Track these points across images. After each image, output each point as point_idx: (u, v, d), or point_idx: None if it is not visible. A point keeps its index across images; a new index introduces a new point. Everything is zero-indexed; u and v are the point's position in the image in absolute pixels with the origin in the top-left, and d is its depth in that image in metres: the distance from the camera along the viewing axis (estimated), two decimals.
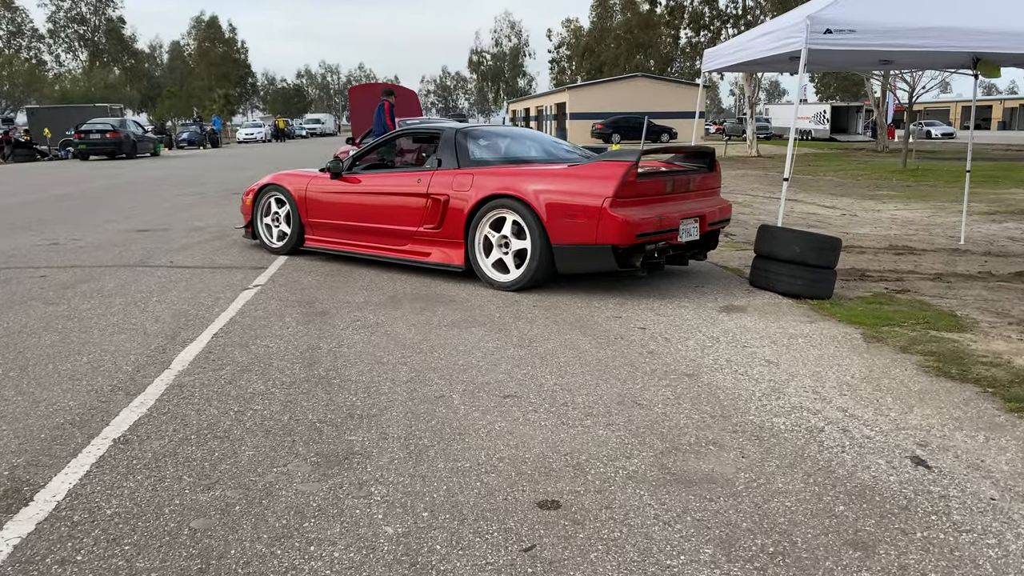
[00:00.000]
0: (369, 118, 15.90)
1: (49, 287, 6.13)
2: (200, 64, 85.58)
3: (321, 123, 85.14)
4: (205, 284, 6.20)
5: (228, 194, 14.22)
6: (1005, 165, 22.69)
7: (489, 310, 5.34)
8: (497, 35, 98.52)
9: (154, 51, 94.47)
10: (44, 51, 71.56)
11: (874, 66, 9.55)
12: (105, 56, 73.71)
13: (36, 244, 8.34)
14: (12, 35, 69.19)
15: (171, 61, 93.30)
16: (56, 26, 71.62)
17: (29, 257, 7.57)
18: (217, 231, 9.26)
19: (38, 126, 36.18)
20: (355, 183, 6.94)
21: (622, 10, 77.06)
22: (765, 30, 7.53)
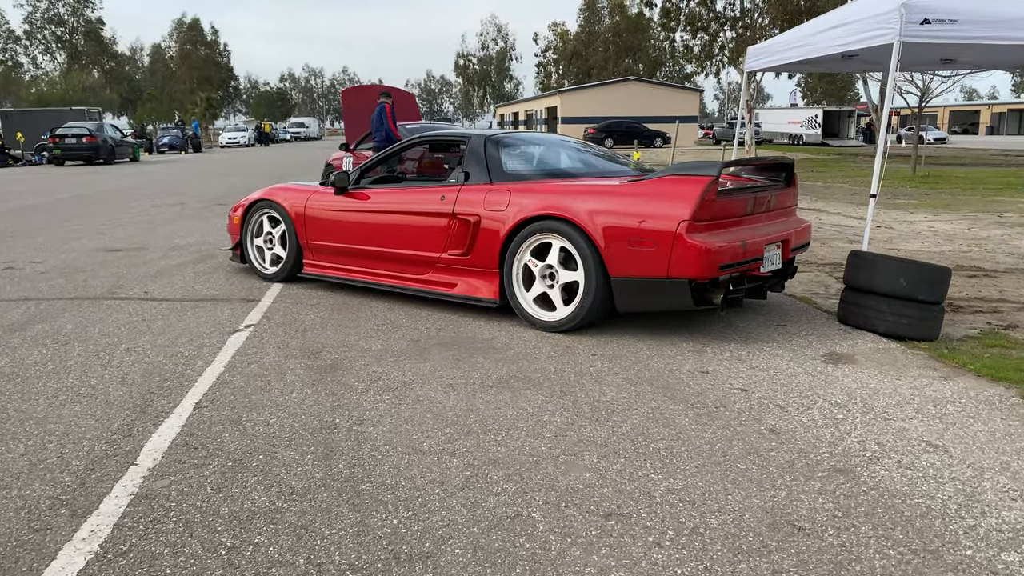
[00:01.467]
0: (365, 121, 14.81)
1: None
2: (181, 67, 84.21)
3: (305, 127, 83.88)
4: (186, 324, 5.12)
5: (211, 205, 13.10)
6: (1014, 171, 21.89)
7: (540, 361, 4.30)
8: (483, 38, 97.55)
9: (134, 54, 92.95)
10: (20, 53, 69.84)
11: (933, 65, 8.60)
12: (83, 58, 72.09)
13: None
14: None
15: (152, 64, 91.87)
16: (33, 27, 69.94)
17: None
18: (199, 251, 8.16)
19: (11, 130, 34.74)
20: (363, 200, 5.88)
21: (610, 13, 76.35)
22: (831, 22, 6.54)
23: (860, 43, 5.86)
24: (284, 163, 28.26)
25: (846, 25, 6.13)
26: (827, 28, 6.53)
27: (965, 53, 7.61)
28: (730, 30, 33.88)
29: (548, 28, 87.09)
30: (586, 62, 75.92)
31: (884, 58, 7.94)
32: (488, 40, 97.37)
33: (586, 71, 75.49)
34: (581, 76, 75.30)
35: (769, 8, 32.84)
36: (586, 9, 78.37)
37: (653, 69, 73.40)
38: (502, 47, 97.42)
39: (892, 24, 5.48)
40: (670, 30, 35.56)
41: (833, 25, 6.40)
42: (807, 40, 6.95)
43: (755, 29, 33.69)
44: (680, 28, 35.20)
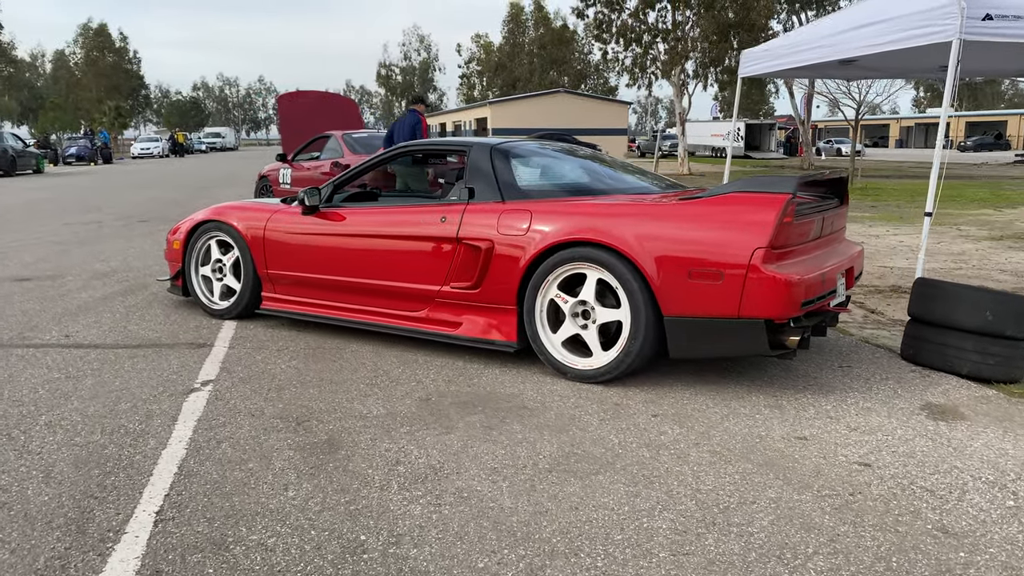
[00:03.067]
0: (303, 129, 13.67)
1: None
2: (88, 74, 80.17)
3: (221, 137, 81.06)
4: (125, 382, 4.03)
5: (132, 222, 11.74)
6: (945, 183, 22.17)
7: (592, 427, 3.42)
8: (406, 48, 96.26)
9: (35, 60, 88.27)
10: None
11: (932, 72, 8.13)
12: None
13: None
14: None
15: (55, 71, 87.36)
16: None
17: None
18: (127, 279, 6.97)
19: None
20: (339, 221, 4.90)
21: (535, 26, 76.22)
22: (859, 20, 5.89)
23: (905, 41, 5.22)
24: (204, 175, 26.59)
25: (884, 22, 5.49)
26: (855, 27, 5.88)
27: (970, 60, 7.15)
28: (662, 42, 33.78)
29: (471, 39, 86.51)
30: (511, 74, 75.50)
31: (888, 64, 7.40)
32: (410, 50, 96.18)
33: (511, 83, 75.07)
34: (506, 88, 74.85)
35: (700, 21, 32.91)
36: (510, 21, 78.05)
37: (578, 81, 73.56)
38: (425, 57, 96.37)
39: (949, 20, 4.84)
40: (603, 41, 35.21)
41: (864, 23, 5.75)
42: (825, 41, 6.30)
43: (687, 42, 33.72)
44: (612, 40, 34.91)
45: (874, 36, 5.56)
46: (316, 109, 14.20)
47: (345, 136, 11.62)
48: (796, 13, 38.19)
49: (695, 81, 36.19)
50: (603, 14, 35.25)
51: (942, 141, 5.24)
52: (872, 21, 5.63)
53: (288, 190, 12.39)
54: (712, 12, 33.17)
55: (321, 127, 13.70)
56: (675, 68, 33.80)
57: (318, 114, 14.06)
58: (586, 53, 75.97)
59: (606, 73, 75.53)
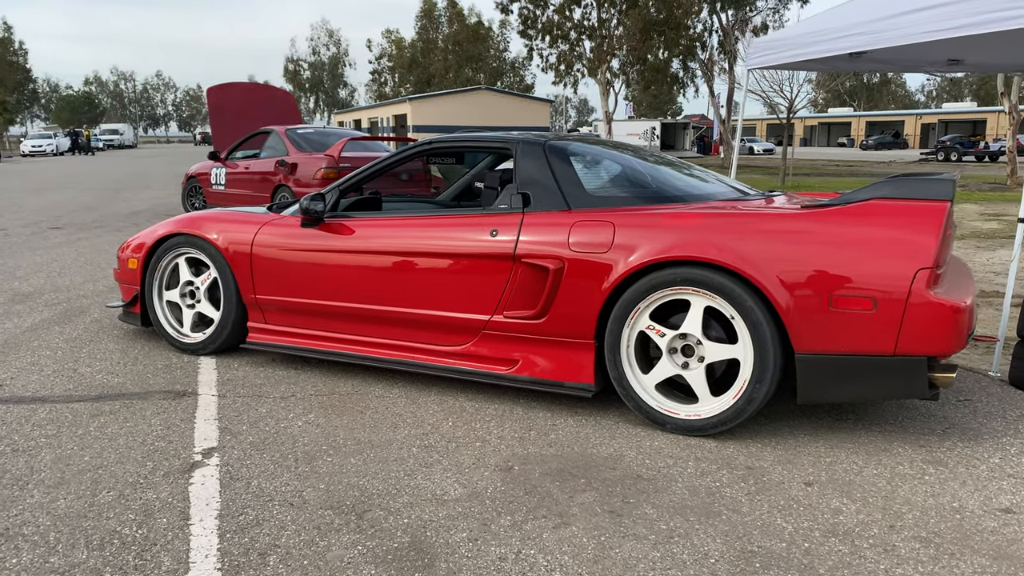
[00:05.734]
0: (235, 124, 12.45)
1: None
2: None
3: (119, 134, 76.86)
4: (97, 456, 3.02)
5: (43, 229, 10.32)
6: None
7: (743, 505, 2.66)
8: (314, 43, 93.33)
9: None
10: None
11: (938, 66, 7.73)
12: None
13: None
14: None
15: None
16: None
17: None
18: (57, 301, 5.81)
19: None
20: (349, 235, 3.98)
21: (449, 22, 75.10)
22: (913, 4, 5.33)
23: (988, 24, 4.66)
24: (111, 175, 24.60)
25: (949, 5, 4.93)
26: (906, 11, 5.32)
27: (973, 54, 6.75)
28: (589, 40, 33.44)
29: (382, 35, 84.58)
30: (426, 71, 74.16)
31: (898, 57, 6.93)
32: (319, 45, 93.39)
33: (426, 80, 73.78)
34: (421, 85, 73.54)
35: (627, 18, 32.73)
36: (423, 16, 76.65)
37: (493, 79, 72.93)
38: (335, 53, 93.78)
39: None
40: (528, 37, 34.63)
41: (922, 6, 5.18)
42: (863, 28, 5.72)
43: (612, 40, 33.50)
44: (538, 36, 34.37)
45: (933, 21, 5.00)
46: (249, 102, 12.96)
47: (289, 132, 10.51)
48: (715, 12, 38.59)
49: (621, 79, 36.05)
50: (528, 9, 34.69)
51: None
52: (930, 5, 5.07)
53: (222, 192, 11.20)
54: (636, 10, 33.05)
55: (255, 121, 12.53)
56: (601, 66, 33.53)
57: (252, 108, 12.84)
58: (502, 50, 75.45)
59: (522, 71, 75.26)
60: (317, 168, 9.56)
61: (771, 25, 34.25)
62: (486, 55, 73.36)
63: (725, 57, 34.75)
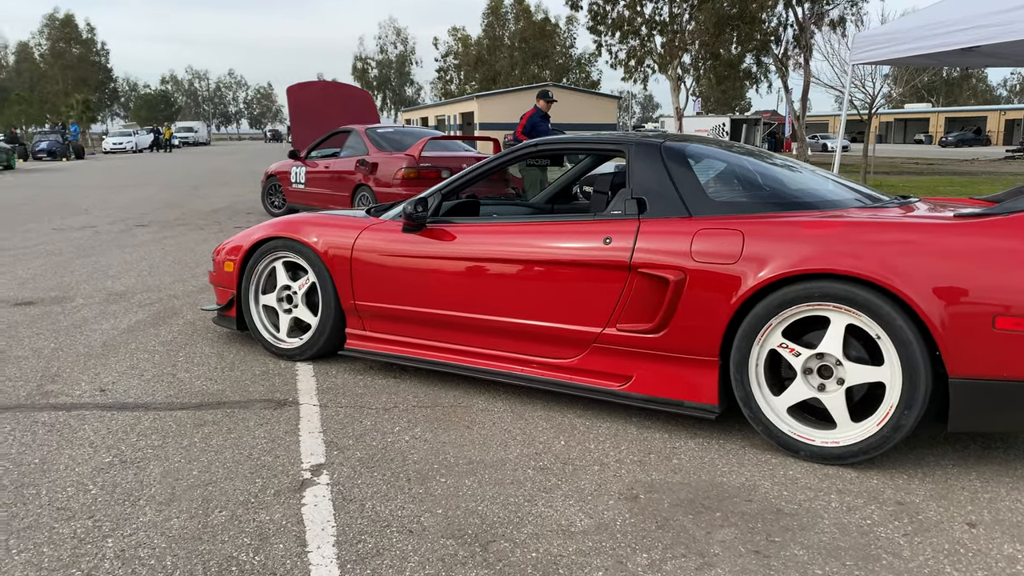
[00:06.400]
0: (316, 123, 12.52)
1: None
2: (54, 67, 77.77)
3: (194, 131, 79.22)
4: (205, 471, 2.93)
5: (130, 226, 10.52)
6: (947, 179, 21.48)
7: (903, 549, 2.40)
8: (382, 41, 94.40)
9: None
10: None
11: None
12: None
13: None
14: None
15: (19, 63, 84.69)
16: None
17: None
18: (149, 301, 5.82)
19: None
20: (450, 240, 3.83)
21: (516, 19, 74.99)
22: None
23: None
24: (189, 172, 25.21)
25: None
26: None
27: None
28: (660, 35, 32.88)
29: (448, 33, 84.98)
30: (492, 68, 74.21)
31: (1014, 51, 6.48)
32: (387, 43, 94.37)
33: (492, 77, 73.84)
34: (486, 82, 73.65)
35: (699, 13, 32.07)
36: (489, 14, 76.70)
37: (560, 75, 72.57)
38: (402, 51, 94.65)
39: None
40: (597, 33, 34.24)
41: None
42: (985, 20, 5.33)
43: (684, 35, 32.87)
44: (608, 32, 33.96)
45: None
46: (328, 101, 13.02)
47: (369, 131, 10.49)
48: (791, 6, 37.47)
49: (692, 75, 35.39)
50: (598, 5, 34.30)
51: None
52: None
53: (301, 191, 11.26)
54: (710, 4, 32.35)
55: (334, 120, 12.56)
56: (672, 62, 32.94)
57: (330, 106, 12.90)
58: (568, 47, 75.03)
59: (588, 67, 74.74)
60: (397, 168, 9.49)
61: (848, 19, 33.14)
62: (552, 52, 73.05)
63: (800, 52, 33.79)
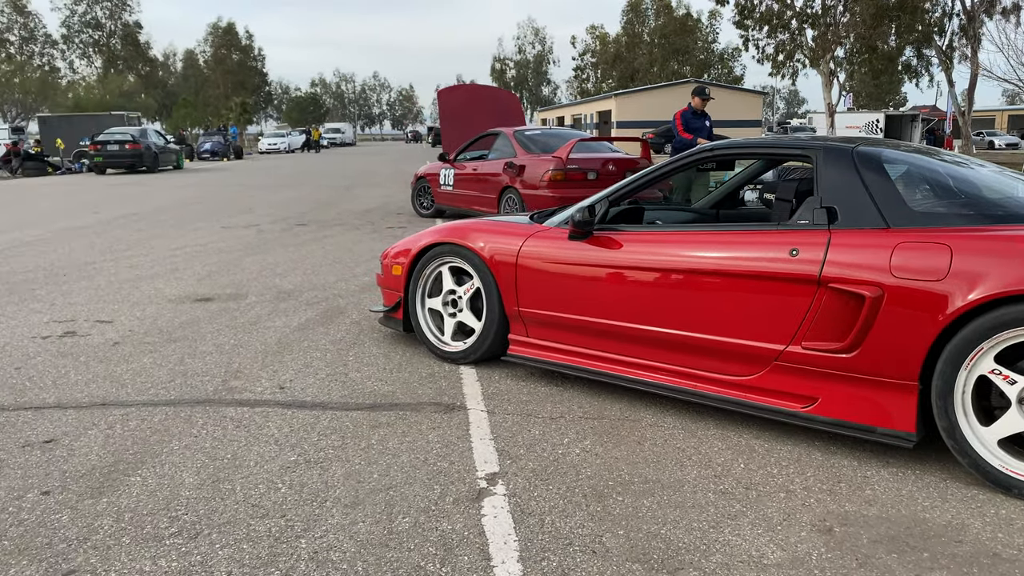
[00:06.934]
0: (465, 126, 12.74)
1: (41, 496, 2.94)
2: (216, 72, 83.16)
3: (341, 133, 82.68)
4: (385, 474, 2.98)
5: (291, 225, 11.07)
6: None
7: None
8: (520, 42, 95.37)
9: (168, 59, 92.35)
10: (57, 57, 68.90)
11: None
12: (119, 63, 71.01)
13: (41, 334, 5.16)
14: (24, 41, 66.49)
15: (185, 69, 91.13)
16: (70, 31, 68.95)
17: (14, 378, 4.39)
18: (315, 300, 6.07)
19: (50, 136, 33.26)
20: (618, 248, 3.74)
21: (656, 15, 73.84)
22: None
23: None
24: (340, 172, 26.35)
25: None
26: None
27: None
28: (811, 28, 31.45)
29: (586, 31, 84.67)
30: (630, 65, 73.41)
31: None
32: (525, 43, 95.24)
33: (629, 75, 73.05)
34: (624, 80, 72.92)
35: (856, 4, 30.40)
36: (629, 11, 75.89)
37: (700, 71, 70.89)
38: (539, 50, 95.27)
39: None
40: (744, 28, 33.15)
41: None
42: None
43: (839, 27, 31.28)
44: (755, 26, 32.81)
45: None
46: (475, 103, 13.24)
47: (517, 133, 10.56)
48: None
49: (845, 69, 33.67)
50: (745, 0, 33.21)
51: None
52: None
53: (450, 192, 11.48)
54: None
55: (481, 123, 12.74)
56: (825, 56, 31.43)
57: (478, 109, 13.10)
58: (710, 42, 73.20)
59: (731, 62, 72.63)
60: (545, 170, 9.50)
61: None
62: (693, 47, 71.47)
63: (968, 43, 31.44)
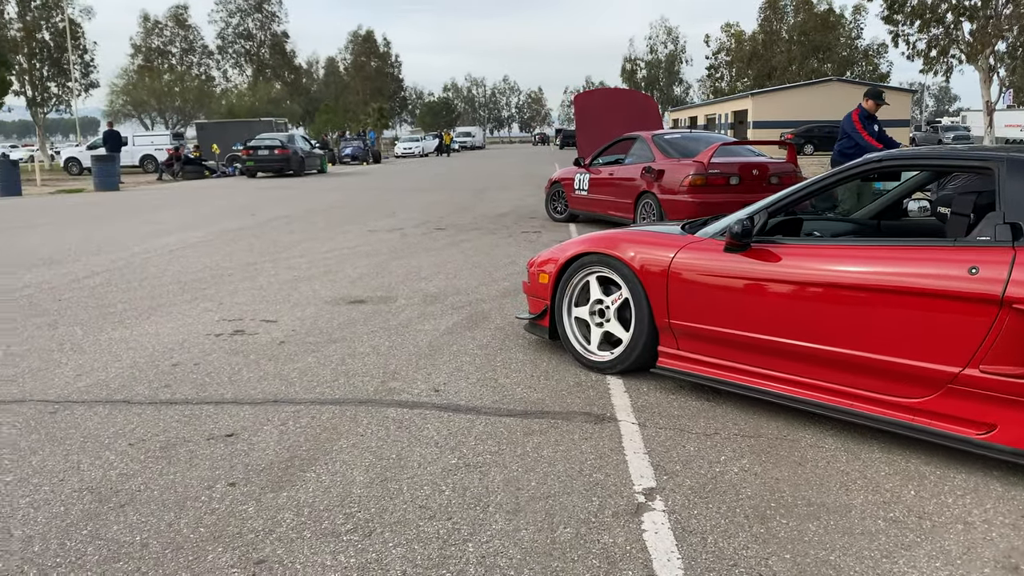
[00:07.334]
0: (601, 130, 12.75)
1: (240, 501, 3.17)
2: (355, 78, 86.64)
3: (471, 136, 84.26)
4: (542, 483, 3.04)
5: (430, 229, 11.41)
6: None
7: None
8: (652, 41, 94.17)
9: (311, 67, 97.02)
10: (212, 67, 73.81)
11: None
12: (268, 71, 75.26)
13: (214, 332, 5.56)
14: (185, 52, 71.65)
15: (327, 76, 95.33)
16: (224, 42, 73.72)
17: (180, 376, 4.74)
18: (460, 304, 6.24)
19: (207, 141, 35.65)
20: (776, 262, 3.65)
21: (795, 11, 71.13)
22: None
23: None
24: (472, 176, 26.91)
25: None
26: None
27: None
28: (968, 22, 29.45)
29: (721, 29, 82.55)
30: (767, 63, 71.04)
31: None
32: (657, 43, 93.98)
33: (766, 73, 70.72)
34: (760, 79, 70.68)
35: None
36: (767, 8, 73.45)
37: (842, 69, 67.74)
38: (671, 50, 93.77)
39: None
40: (893, 23, 31.43)
41: None
42: None
43: (1000, 20, 29.15)
44: (905, 21, 31.05)
45: None
46: (611, 107, 13.21)
47: (655, 138, 10.46)
48: None
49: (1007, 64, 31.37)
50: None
51: None
52: None
53: (584, 197, 11.50)
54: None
55: (617, 127, 12.70)
56: (984, 50, 29.35)
57: (614, 112, 13.06)
58: (853, 38, 69.85)
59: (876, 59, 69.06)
60: (684, 175, 9.37)
61: None
62: (835, 44, 68.38)
63: None
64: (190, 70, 70.57)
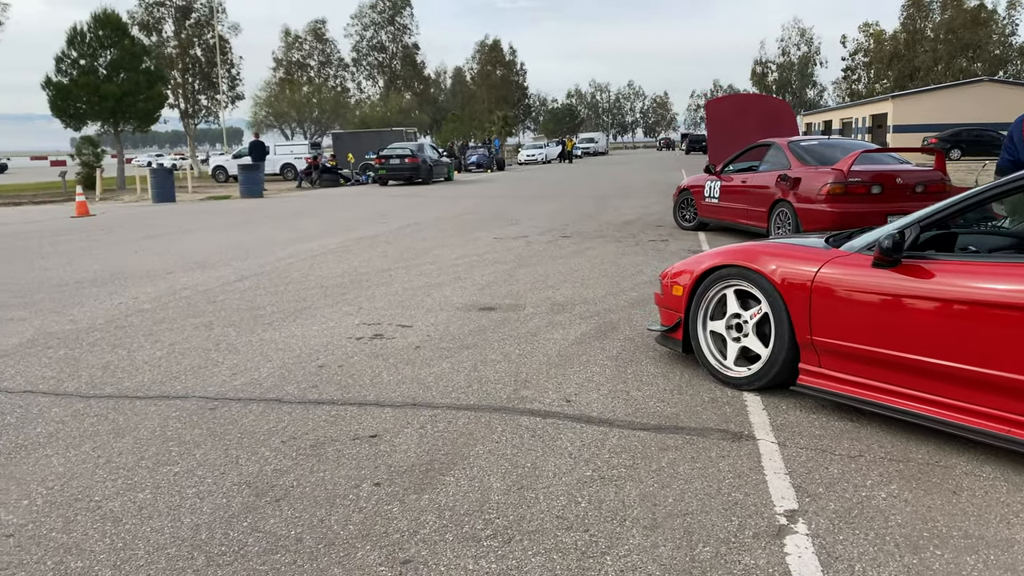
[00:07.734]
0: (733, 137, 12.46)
1: None
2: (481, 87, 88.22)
3: (595, 142, 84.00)
4: (679, 499, 3.02)
5: (555, 237, 11.48)
6: None
7: None
8: (784, 43, 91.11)
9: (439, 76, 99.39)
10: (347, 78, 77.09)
11: None
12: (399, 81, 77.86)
13: (355, 335, 5.81)
14: (322, 64, 75.16)
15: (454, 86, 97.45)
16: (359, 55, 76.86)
17: (326, 377, 4.97)
18: (588, 314, 6.26)
19: (342, 150, 37.22)
20: (929, 279, 3.47)
21: (942, 8, 67.10)
22: None
23: None
24: (593, 183, 26.85)
25: None
26: None
27: None
28: None
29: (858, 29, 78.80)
30: (909, 63, 67.37)
31: None
32: (789, 45, 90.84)
33: (908, 74, 67.08)
34: (901, 80, 67.08)
35: None
36: (910, 6, 69.64)
37: (994, 68, 63.35)
38: (805, 52, 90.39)
39: None
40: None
41: None
42: None
43: None
44: None
45: None
46: (744, 113, 12.89)
47: (791, 144, 10.13)
48: None
49: None
50: None
51: None
52: None
53: (715, 205, 11.27)
54: None
55: (750, 133, 12.38)
56: None
57: (746, 119, 12.74)
58: (1007, 35, 65.21)
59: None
60: (823, 183, 9.03)
61: None
62: (987, 42, 64.04)
63: None
64: (327, 82, 73.96)
